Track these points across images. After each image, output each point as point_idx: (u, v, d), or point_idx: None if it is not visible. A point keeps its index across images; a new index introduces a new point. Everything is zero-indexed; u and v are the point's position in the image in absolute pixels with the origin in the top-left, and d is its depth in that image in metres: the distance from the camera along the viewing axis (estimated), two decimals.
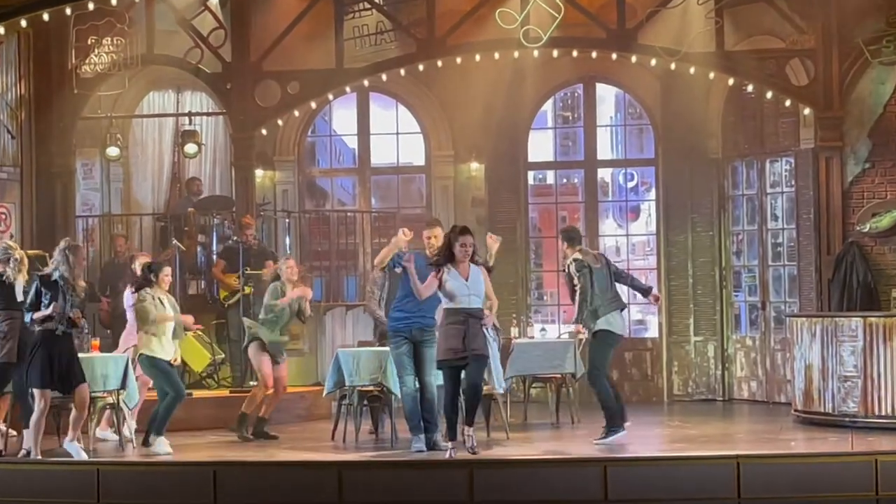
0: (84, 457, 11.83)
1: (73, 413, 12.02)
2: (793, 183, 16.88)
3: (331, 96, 17.54)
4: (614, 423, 12.91)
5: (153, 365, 12.74)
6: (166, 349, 12.81)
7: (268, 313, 13.82)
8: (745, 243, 17.56)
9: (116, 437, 13.09)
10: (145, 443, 12.69)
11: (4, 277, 12.34)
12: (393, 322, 12.53)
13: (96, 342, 13.34)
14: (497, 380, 13.12)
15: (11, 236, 16.42)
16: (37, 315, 11.81)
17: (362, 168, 18.59)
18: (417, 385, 12.46)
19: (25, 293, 12.17)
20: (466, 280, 11.72)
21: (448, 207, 18.14)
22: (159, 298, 12.82)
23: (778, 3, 16.30)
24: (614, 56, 16.84)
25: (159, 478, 10.68)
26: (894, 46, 15.80)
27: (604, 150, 18.55)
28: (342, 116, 18.85)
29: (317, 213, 18.48)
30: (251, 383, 15.95)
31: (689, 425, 14.74)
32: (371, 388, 13.21)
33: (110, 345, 14.96)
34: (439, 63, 16.87)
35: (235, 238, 16.50)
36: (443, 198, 18.26)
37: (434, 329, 12.44)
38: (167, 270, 13.06)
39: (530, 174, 18.51)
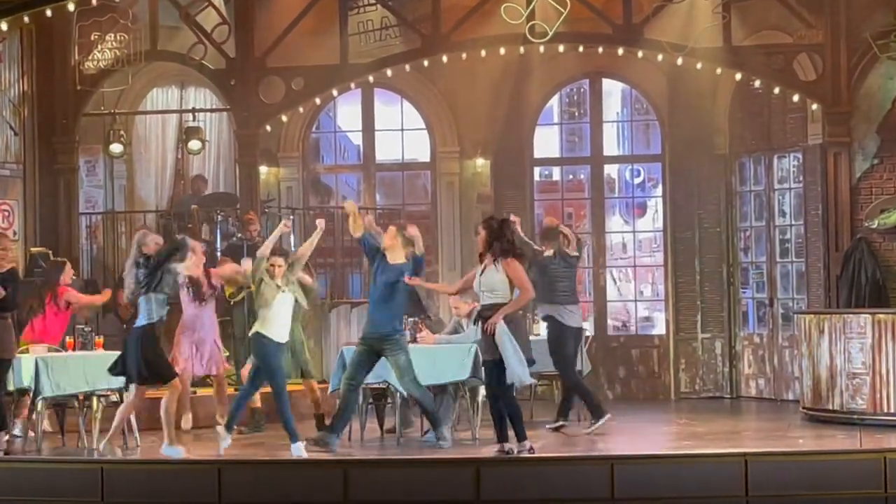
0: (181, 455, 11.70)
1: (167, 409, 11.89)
2: (800, 179, 16.81)
3: (335, 92, 17.51)
4: (599, 411, 13.32)
5: (264, 345, 12.01)
6: (280, 331, 12.09)
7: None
8: (753, 240, 17.49)
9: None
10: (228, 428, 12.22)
11: None
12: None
13: (100, 340, 13.27)
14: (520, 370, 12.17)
15: (14, 233, 16.39)
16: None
17: (367, 164, 18.55)
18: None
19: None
20: (481, 275, 11.58)
21: (453, 204, 18.11)
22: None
23: None
24: (620, 51, 16.79)
25: (163, 476, 10.63)
26: None
27: (610, 146, 18.51)
28: (346, 112, 18.80)
29: (321, 209, 18.42)
30: None
31: (697, 423, 14.68)
32: (376, 385, 13.14)
33: (115, 343, 14.93)
34: (444, 59, 16.82)
35: (239, 235, 16.44)
36: (448, 194, 18.21)
37: (396, 337, 12.26)
38: (280, 261, 12.28)
39: (536, 170, 18.46)
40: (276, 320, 12.06)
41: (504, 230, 11.61)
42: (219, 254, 16.90)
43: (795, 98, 16.52)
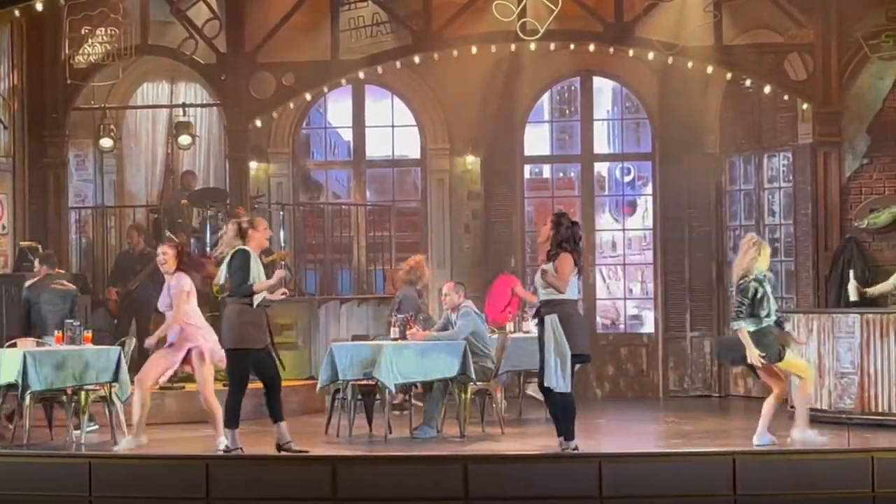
0: None
1: None
2: (790, 178, 16.83)
3: (326, 88, 17.47)
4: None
5: None
6: None
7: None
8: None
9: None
10: None
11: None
12: None
13: (88, 335, 13.23)
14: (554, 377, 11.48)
15: (3, 227, 16.35)
16: None
17: (357, 161, 18.53)
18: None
19: None
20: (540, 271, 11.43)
21: (443, 201, 18.11)
22: None
23: None
24: (611, 50, 16.78)
25: (152, 471, 10.59)
26: (893, 41, 15.74)
27: (600, 145, 18.51)
28: (337, 109, 18.79)
29: (311, 205, 18.42)
30: None
31: (685, 421, 14.70)
32: (365, 382, 13.14)
33: (104, 338, 14.92)
34: (435, 55, 16.81)
35: None
36: (438, 191, 18.21)
37: None
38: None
39: (526, 168, 18.46)
40: None
41: (573, 229, 11.30)
42: (209, 249, 16.90)
43: (786, 97, 16.53)
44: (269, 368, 11.67)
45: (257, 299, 11.55)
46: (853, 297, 13.91)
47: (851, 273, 14.44)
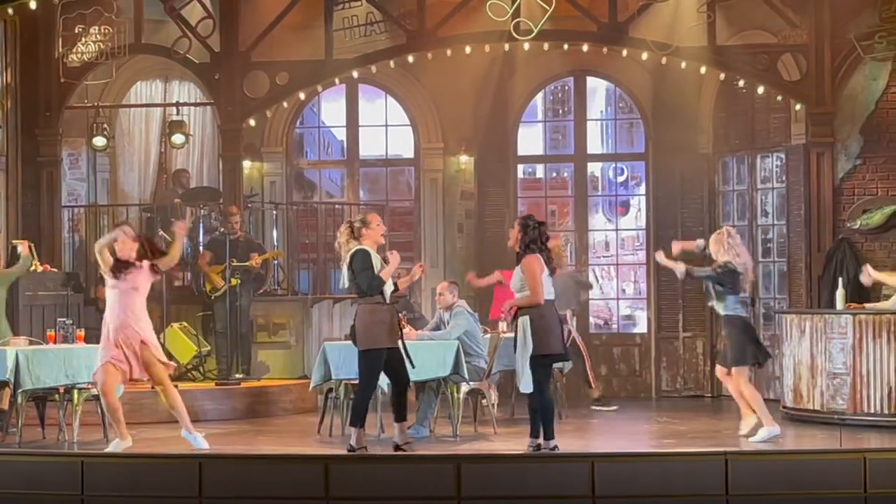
0: None
1: None
2: (783, 179, 16.84)
3: (320, 87, 17.47)
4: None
5: None
6: None
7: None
8: None
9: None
10: None
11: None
12: None
13: (81, 333, 13.23)
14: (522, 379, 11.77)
15: None
16: None
17: (351, 160, 18.53)
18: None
19: None
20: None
21: (437, 200, 18.11)
22: None
23: None
24: (605, 50, 16.80)
25: (144, 470, 10.58)
26: (887, 42, 15.77)
27: (594, 144, 18.50)
28: (331, 108, 18.78)
29: (305, 205, 18.40)
30: (237, 375, 15.88)
31: (678, 421, 14.71)
32: (357, 381, 13.11)
33: (97, 336, 14.87)
34: (429, 55, 16.81)
35: (222, 229, 16.43)
36: (431, 191, 18.21)
37: None
38: None
39: (520, 168, 18.46)
40: None
41: (540, 229, 11.37)
42: (202, 248, 16.91)
43: (779, 98, 16.55)
44: (400, 367, 11.65)
45: (388, 294, 11.51)
46: (840, 305, 13.92)
47: (841, 280, 14.45)
